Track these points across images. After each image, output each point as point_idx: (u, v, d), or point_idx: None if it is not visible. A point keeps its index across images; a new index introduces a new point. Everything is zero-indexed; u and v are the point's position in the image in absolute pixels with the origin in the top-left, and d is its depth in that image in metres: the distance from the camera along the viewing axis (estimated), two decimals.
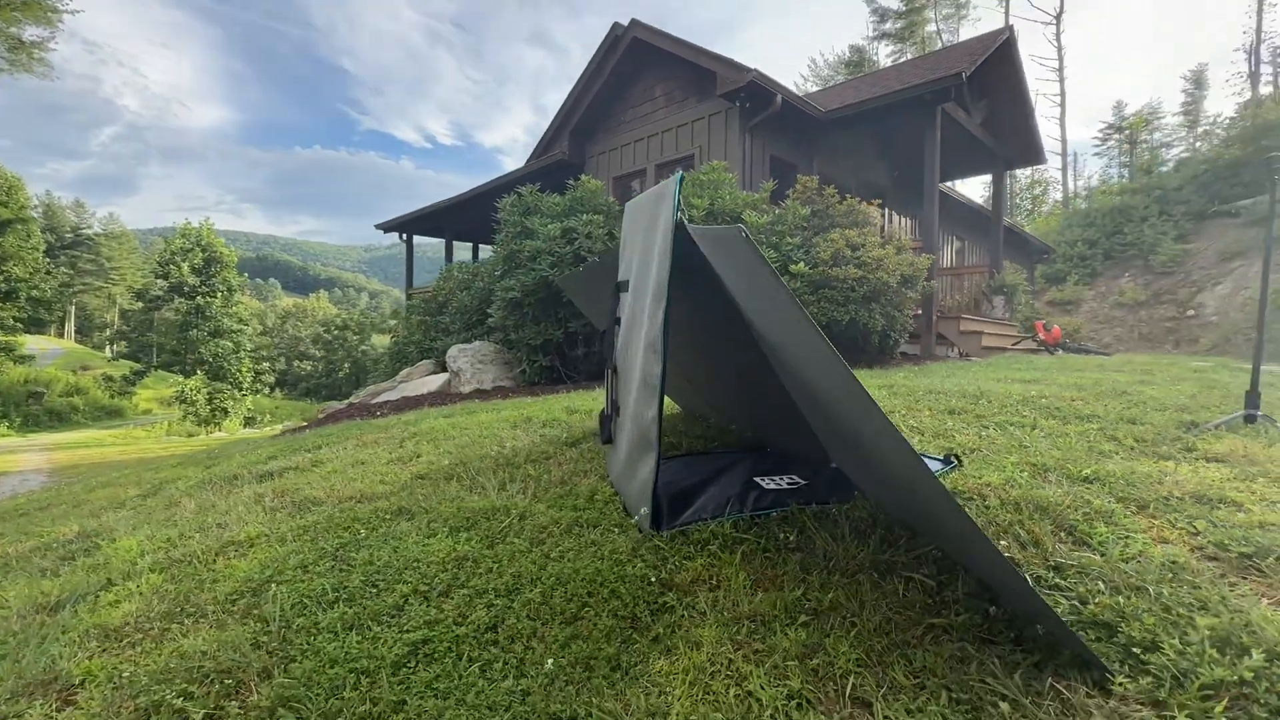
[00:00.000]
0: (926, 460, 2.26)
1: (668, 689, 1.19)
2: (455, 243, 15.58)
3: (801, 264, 6.41)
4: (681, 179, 1.78)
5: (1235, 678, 1.09)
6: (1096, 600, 1.34)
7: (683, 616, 1.45)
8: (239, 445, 6.87)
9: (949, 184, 13.14)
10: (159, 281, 28.09)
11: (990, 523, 1.73)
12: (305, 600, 1.68)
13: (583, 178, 7.81)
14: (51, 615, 1.99)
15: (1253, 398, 2.58)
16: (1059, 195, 35.75)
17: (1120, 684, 1.12)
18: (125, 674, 1.50)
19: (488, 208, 9.02)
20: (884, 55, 34.56)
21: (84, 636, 1.74)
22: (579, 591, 1.55)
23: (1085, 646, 1.16)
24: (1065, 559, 1.53)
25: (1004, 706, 1.10)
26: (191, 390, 25.01)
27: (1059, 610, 1.33)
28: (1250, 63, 26.58)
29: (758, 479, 2.20)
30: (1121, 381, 4.52)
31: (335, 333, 50.40)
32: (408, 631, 1.45)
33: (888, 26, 34.21)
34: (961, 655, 1.24)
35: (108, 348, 45.32)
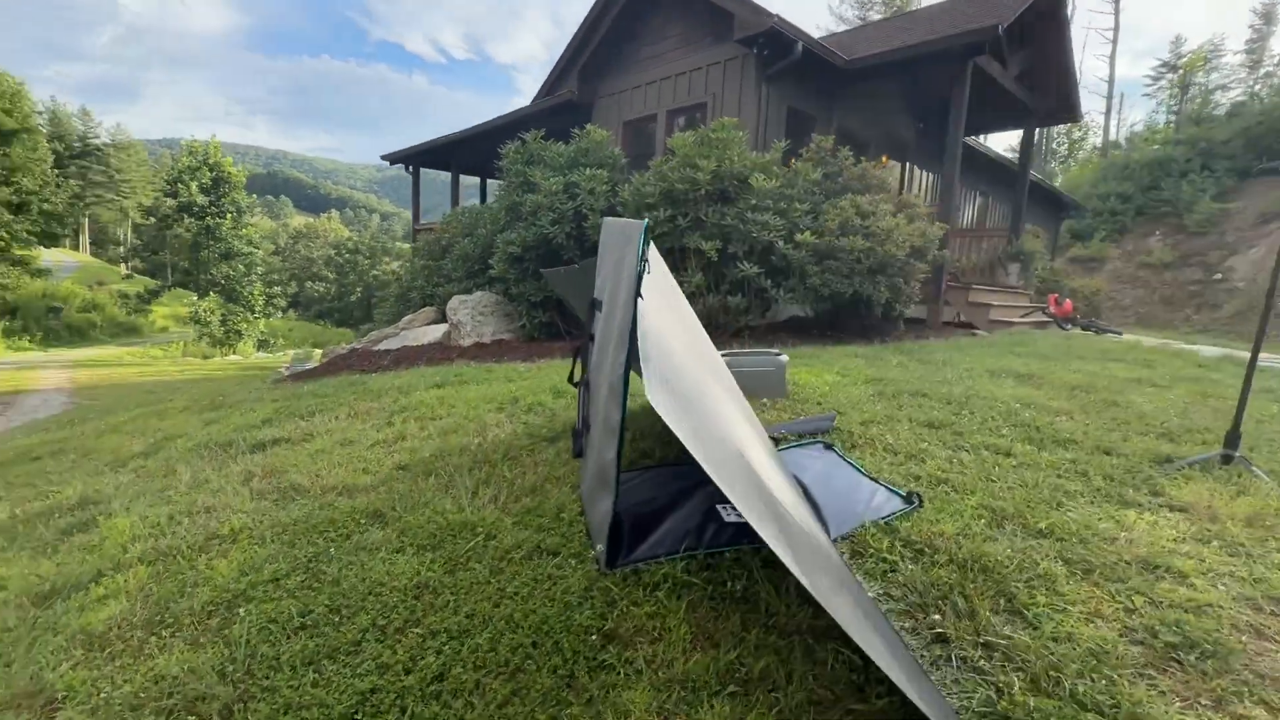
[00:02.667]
0: (886, 493, 2.29)
1: None
2: (462, 176, 15.20)
3: (808, 233, 6.23)
4: (647, 227, 1.72)
5: None
6: (1011, 695, 1.38)
7: (619, 677, 1.52)
8: (243, 389, 7.03)
9: (975, 137, 12.49)
10: (168, 200, 27.89)
11: (932, 585, 1.77)
12: (271, 626, 1.78)
13: (588, 127, 7.51)
14: (44, 609, 2.12)
15: (1233, 437, 2.55)
16: (1099, 141, 33.95)
17: None
18: (103, 693, 1.61)
19: (494, 143, 8.72)
20: None
21: (69, 642, 1.86)
22: (524, 641, 1.63)
23: None
24: (996, 636, 1.58)
25: None
26: (205, 311, 25.36)
27: (975, 700, 1.39)
28: None
29: (720, 507, 2.24)
30: (1119, 379, 4.47)
31: (347, 256, 50.31)
32: (359, 676, 1.54)
33: None
34: None
35: (122, 265, 45.61)
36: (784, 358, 3.62)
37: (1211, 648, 1.51)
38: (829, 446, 2.79)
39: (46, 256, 33.82)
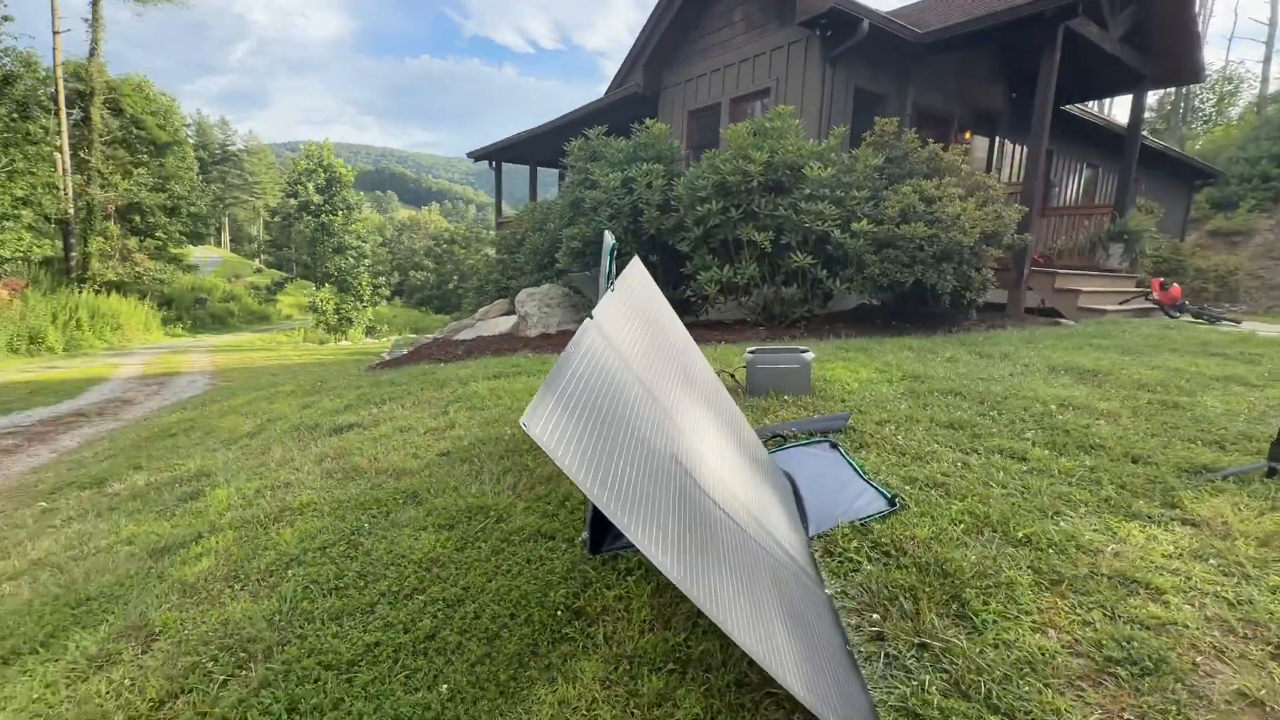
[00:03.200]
0: (874, 494, 2.35)
1: None
2: (541, 169, 15.78)
3: (865, 221, 6.07)
4: (613, 247, 1.89)
5: None
6: (924, 695, 1.47)
7: (577, 649, 1.74)
8: (340, 375, 7.87)
9: (1089, 104, 11.36)
10: (290, 200, 30.86)
11: (885, 585, 1.85)
12: (312, 586, 2.15)
13: (647, 121, 7.64)
14: (157, 561, 2.64)
15: (1278, 448, 2.36)
16: (1254, 95, 29.58)
17: None
18: (186, 631, 2.04)
19: (568, 137, 9.05)
20: None
21: (170, 589, 2.34)
22: (504, 612, 1.89)
23: None
24: (934, 638, 1.65)
25: None
26: (321, 301, 27.93)
27: (892, 696, 1.48)
28: None
29: None
30: (1203, 377, 4.10)
31: (445, 246, 53.33)
32: (369, 632, 1.86)
33: None
34: None
35: (255, 259, 50.96)
36: (809, 355, 3.66)
37: (1153, 665, 1.50)
38: (834, 446, 2.84)
39: (195, 253, 38.52)
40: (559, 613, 1.87)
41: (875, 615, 1.74)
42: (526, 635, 1.79)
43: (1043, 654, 1.57)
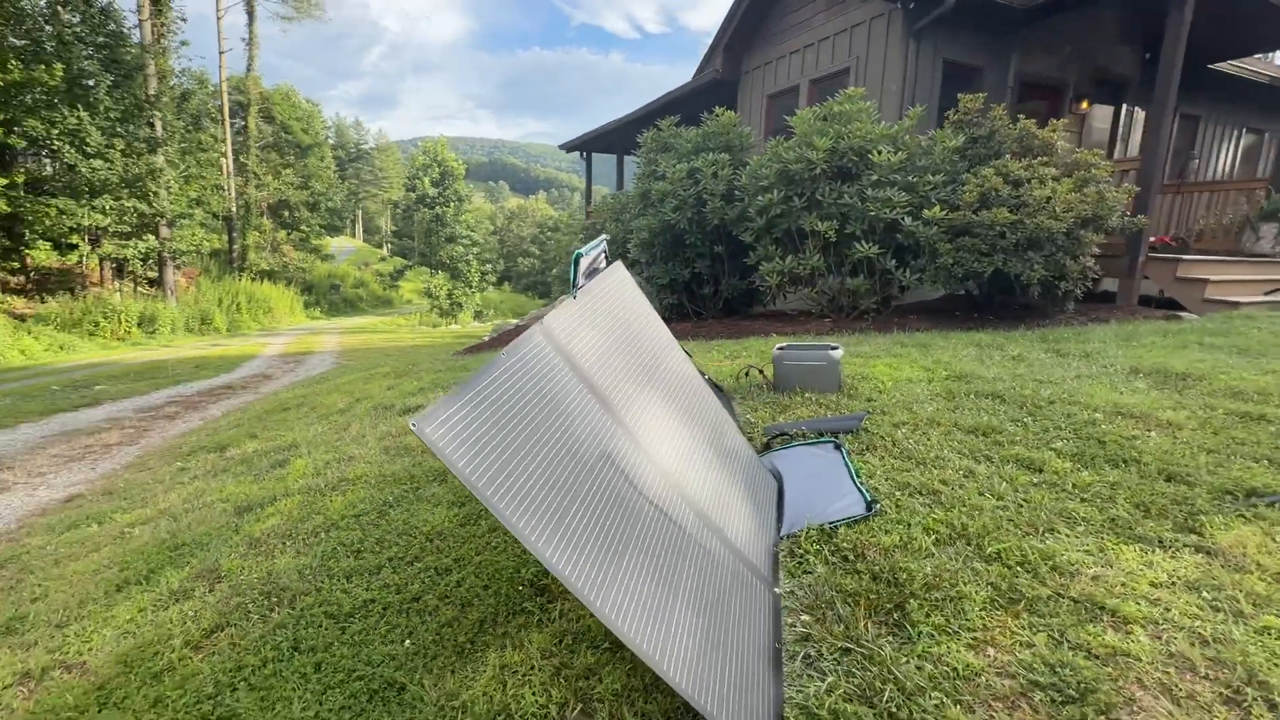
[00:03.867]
0: (856, 497, 2.34)
1: (473, 682, 1.72)
2: (628, 158, 16.03)
3: (937, 207, 5.71)
4: (578, 257, 2.04)
5: None
6: (826, 697, 1.51)
7: (532, 621, 1.94)
8: (429, 358, 8.62)
9: (1235, 63, 9.77)
10: (410, 194, 33.60)
11: (830, 588, 1.88)
12: (339, 548, 2.51)
13: (716, 110, 7.59)
14: (240, 517, 3.16)
15: None
16: None
17: None
18: (241, 577, 2.48)
19: (649, 127, 9.19)
20: None
21: (242, 542, 2.81)
22: (480, 583, 2.12)
23: None
24: (859, 644, 1.67)
25: None
26: (435, 286, 30.18)
27: (800, 695, 1.55)
28: None
29: None
30: None
31: (548, 234, 55.46)
32: (369, 590, 2.17)
33: None
34: None
35: (383, 248, 55.82)
36: (837, 352, 3.59)
37: (1078, 694, 1.45)
38: (838, 447, 2.82)
39: (332, 244, 42.94)
40: (523, 588, 2.07)
41: (807, 617, 1.78)
42: (492, 605, 2.01)
43: (968, 671, 1.56)
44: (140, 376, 10.45)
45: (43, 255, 17.39)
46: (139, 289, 20.19)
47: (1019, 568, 1.90)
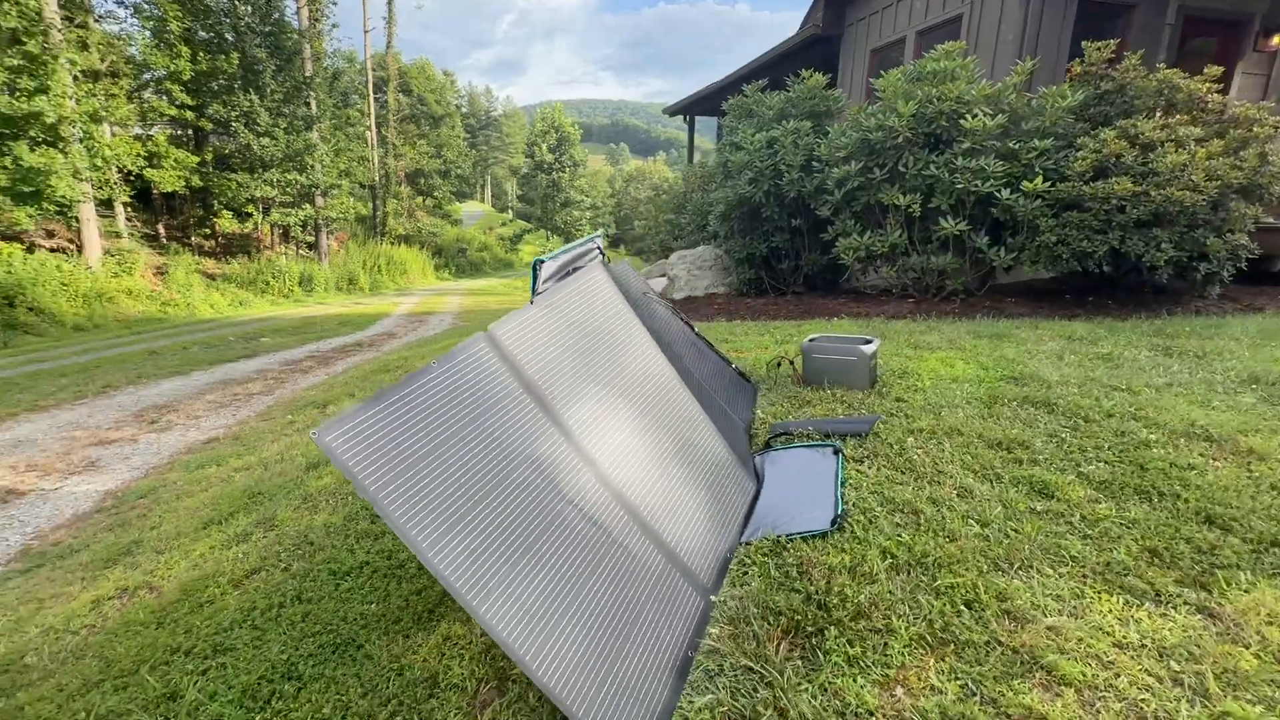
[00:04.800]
0: (829, 509, 2.27)
1: (418, 649, 1.94)
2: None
3: (1040, 178, 5.04)
4: (537, 264, 2.12)
5: None
6: (710, 714, 1.55)
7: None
8: None
9: None
10: (528, 160, 35.01)
11: (757, 604, 1.87)
12: (362, 510, 2.87)
13: (804, 73, 7.13)
14: (306, 473, 3.68)
15: None
16: None
17: None
18: (288, 528, 2.92)
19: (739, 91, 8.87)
20: None
21: (298, 498, 3.29)
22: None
23: None
24: (763, 665, 1.68)
25: None
26: (550, 249, 31.59)
27: (691, 706, 1.60)
28: None
29: None
30: None
31: (663, 197, 55.34)
32: (367, 554, 2.49)
33: None
34: None
35: (508, 211, 58.81)
36: (871, 347, 3.38)
37: None
38: (837, 452, 2.71)
39: (462, 209, 45.96)
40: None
41: (725, 630, 1.80)
42: (434, 601, 2.23)
43: (861, 710, 1.52)
44: (294, 331, 12.08)
45: (227, 223, 20.33)
46: (300, 252, 23.05)
47: (964, 606, 1.78)
